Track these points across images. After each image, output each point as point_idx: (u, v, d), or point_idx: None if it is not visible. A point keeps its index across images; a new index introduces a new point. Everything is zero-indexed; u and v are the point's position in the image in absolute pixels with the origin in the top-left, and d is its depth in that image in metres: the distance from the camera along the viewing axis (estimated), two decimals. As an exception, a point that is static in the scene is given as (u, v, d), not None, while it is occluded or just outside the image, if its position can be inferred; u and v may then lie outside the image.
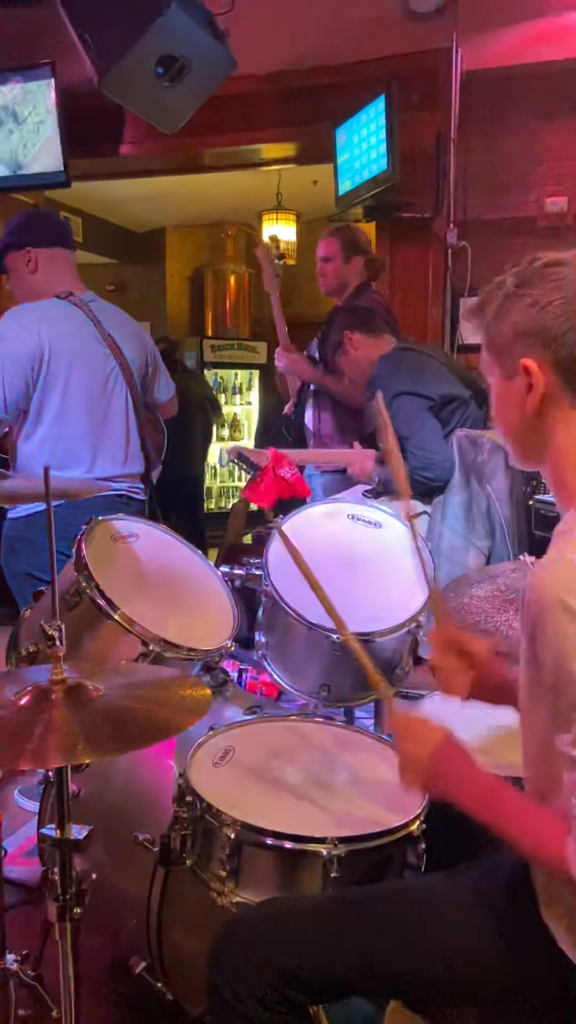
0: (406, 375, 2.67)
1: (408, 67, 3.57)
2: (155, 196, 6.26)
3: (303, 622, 1.80)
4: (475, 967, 1.10)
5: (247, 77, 3.47)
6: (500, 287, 1.12)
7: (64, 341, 2.27)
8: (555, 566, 1.00)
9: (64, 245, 2.44)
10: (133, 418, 2.41)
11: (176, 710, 1.13)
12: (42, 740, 1.03)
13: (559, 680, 0.96)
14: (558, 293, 1.06)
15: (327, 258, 3.37)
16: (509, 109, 3.53)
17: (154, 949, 1.51)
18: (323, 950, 1.12)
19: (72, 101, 3.75)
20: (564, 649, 0.95)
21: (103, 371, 2.35)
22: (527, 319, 1.08)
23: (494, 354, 1.14)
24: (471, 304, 1.18)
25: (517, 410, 1.11)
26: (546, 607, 0.96)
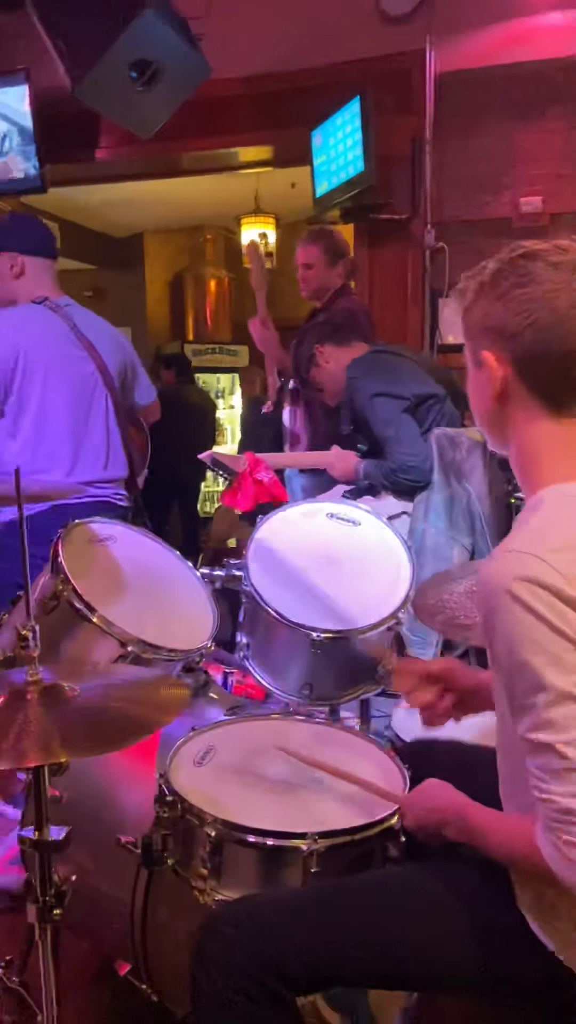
0: (379, 377, 2.69)
1: (382, 69, 3.59)
2: (133, 201, 6.26)
3: (283, 621, 1.80)
4: (454, 955, 1.11)
5: (222, 81, 3.48)
6: (479, 274, 1.13)
7: (40, 346, 2.27)
8: (503, 556, 1.01)
9: (49, 255, 2.45)
10: (114, 422, 2.41)
11: (153, 708, 1.13)
12: (17, 740, 1.03)
13: (511, 667, 0.98)
14: (521, 289, 1.07)
15: (309, 264, 3.39)
16: (483, 110, 3.56)
17: (138, 951, 1.51)
18: (304, 942, 1.12)
19: (47, 107, 3.76)
20: (512, 636, 0.97)
21: (81, 375, 2.34)
22: (492, 312, 1.09)
23: (467, 340, 1.15)
24: (458, 286, 1.19)
25: (483, 398, 1.14)
26: (493, 595, 0.98)
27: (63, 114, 3.68)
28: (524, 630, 0.96)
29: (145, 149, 3.93)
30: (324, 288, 3.39)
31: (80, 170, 4.29)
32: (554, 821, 0.97)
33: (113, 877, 1.52)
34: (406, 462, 2.58)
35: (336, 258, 3.37)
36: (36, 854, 1.13)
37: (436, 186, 3.62)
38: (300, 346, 2.98)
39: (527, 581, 0.96)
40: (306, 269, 3.39)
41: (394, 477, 2.61)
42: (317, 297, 3.43)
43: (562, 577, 0.96)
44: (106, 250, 7.60)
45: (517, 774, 1.06)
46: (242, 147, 4.10)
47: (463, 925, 1.11)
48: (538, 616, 0.95)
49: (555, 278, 1.05)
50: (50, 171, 3.84)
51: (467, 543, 2.56)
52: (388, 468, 2.62)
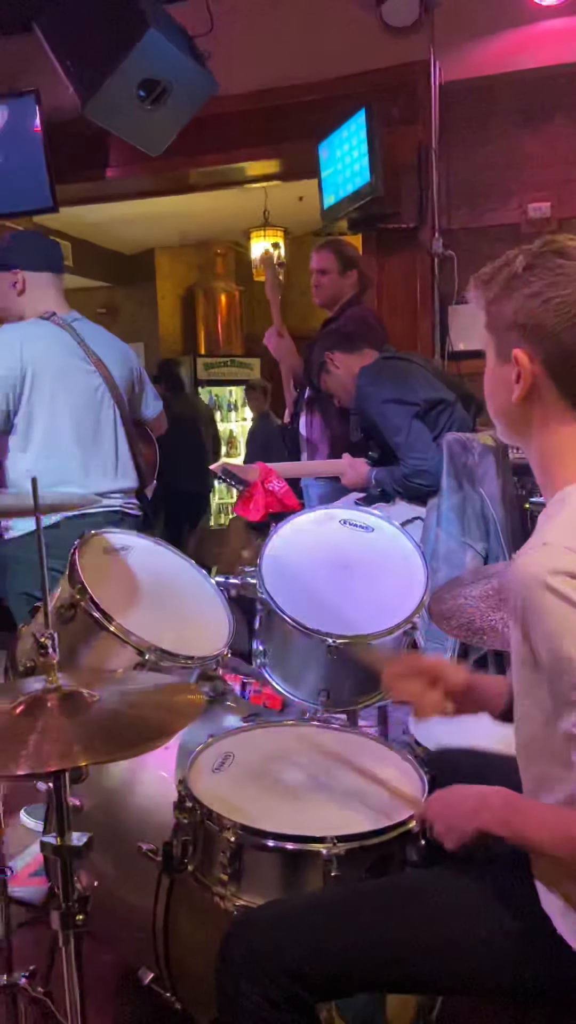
0: (389, 383, 2.70)
1: (387, 81, 3.63)
2: (143, 218, 6.32)
3: (299, 628, 1.81)
4: (476, 959, 1.10)
5: (229, 97, 3.53)
6: (508, 265, 1.10)
7: (47, 361, 2.29)
8: (535, 551, 1.01)
9: (53, 270, 2.46)
10: (122, 434, 2.43)
11: (170, 713, 1.14)
12: (38, 746, 1.04)
13: (554, 661, 0.96)
14: (561, 289, 1.05)
15: (323, 271, 3.42)
16: (489, 118, 3.58)
17: (161, 959, 1.51)
18: (327, 948, 1.12)
19: (58, 127, 3.81)
20: (553, 629, 0.96)
21: (89, 388, 2.37)
22: (526, 309, 1.07)
23: (492, 333, 1.13)
24: (480, 274, 1.15)
25: (506, 392, 1.12)
26: (529, 590, 0.97)
27: (73, 133, 3.74)
28: (566, 623, 0.95)
29: (154, 166, 3.98)
30: (337, 296, 3.42)
31: (90, 189, 4.34)
32: None
33: (135, 885, 1.53)
34: (418, 467, 2.59)
35: (349, 266, 3.40)
36: (58, 860, 1.14)
37: (443, 194, 3.64)
38: (311, 353, 3.01)
39: (564, 574, 0.95)
40: (320, 275, 3.42)
41: (406, 483, 2.62)
42: (329, 305, 3.46)
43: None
44: (118, 267, 7.68)
45: (544, 776, 1.05)
46: (250, 162, 4.14)
47: (484, 927, 1.10)
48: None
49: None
50: (61, 190, 3.89)
51: (480, 548, 2.56)
52: (401, 474, 2.64)
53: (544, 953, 1.07)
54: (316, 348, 2.98)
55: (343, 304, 3.42)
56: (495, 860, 1.18)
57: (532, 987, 1.10)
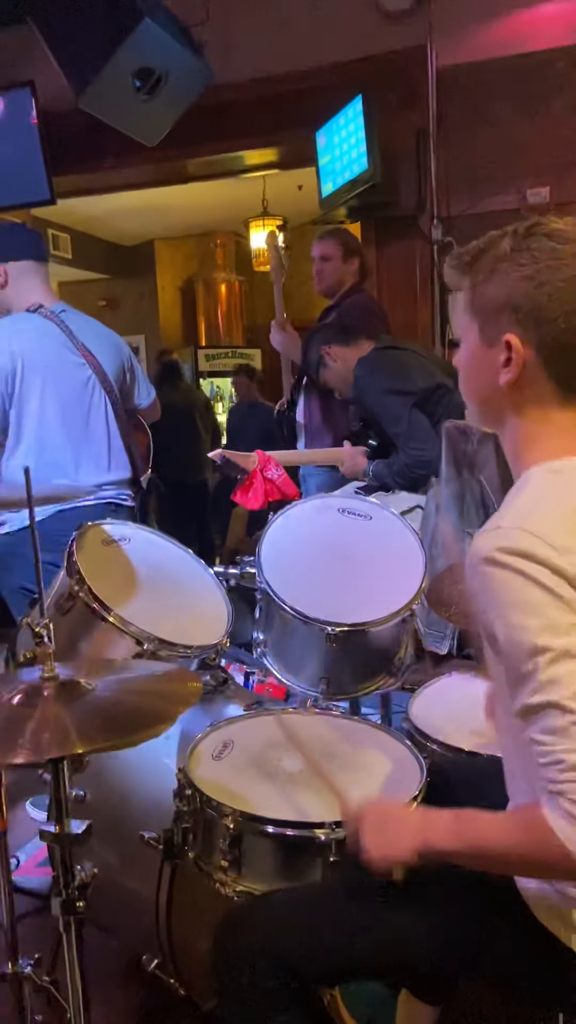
0: (386, 374, 2.70)
1: (384, 67, 3.61)
2: (142, 209, 6.31)
3: (298, 617, 1.81)
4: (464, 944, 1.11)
5: (225, 86, 3.52)
6: (494, 245, 1.06)
7: (37, 354, 2.28)
8: (488, 532, 1.00)
9: (33, 257, 2.43)
10: (115, 425, 2.42)
11: (168, 701, 1.15)
12: (36, 735, 1.05)
13: (507, 638, 0.96)
14: (558, 273, 1.02)
15: (326, 257, 3.41)
16: (486, 103, 3.56)
17: (164, 945, 1.53)
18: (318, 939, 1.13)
19: (54, 118, 3.80)
20: (503, 602, 0.95)
21: (79, 380, 2.36)
22: (520, 293, 1.03)
23: (476, 316, 1.10)
24: (458, 254, 1.11)
25: (488, 376, 1.09)
26: (481, 568, 0.97)
27: (69, 125, 3.72)
28: (515, 595, 0.94)
29: (151, 157, 3.96)
30: (338, 283, 3.42)
31: (88, 180, 4.34)
32: (560, 782, 0.91)
33: (137, 873, 1.54)
34: (419, 457, 2.59)
35: (352, 254, 3.41)
36: (58, 848, 1.15)
37: (442, 181, 3.63)
38: (307, 352, 3.01)
39: (515, 554, 0.95)
40: (323, 262, 3.42)
41: (407, 473, 2.62)
42: (330, 293, 3.45)
43: (552, 549, 0.94)
44: (117, 259, 7.67)
45: (523, 771, 1.06)
46: (247, 151, 4.13)
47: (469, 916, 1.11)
48: (528, 578, 0.94)
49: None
50: (58, 182, 3.88)
51: (480, 535, 2.56)
52: (401, 465, 2.63)
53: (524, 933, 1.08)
54: (311, 345, 2.98)
55: (344, 292, 3.41)
56: None
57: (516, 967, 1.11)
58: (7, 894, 1.64)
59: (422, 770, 1.43)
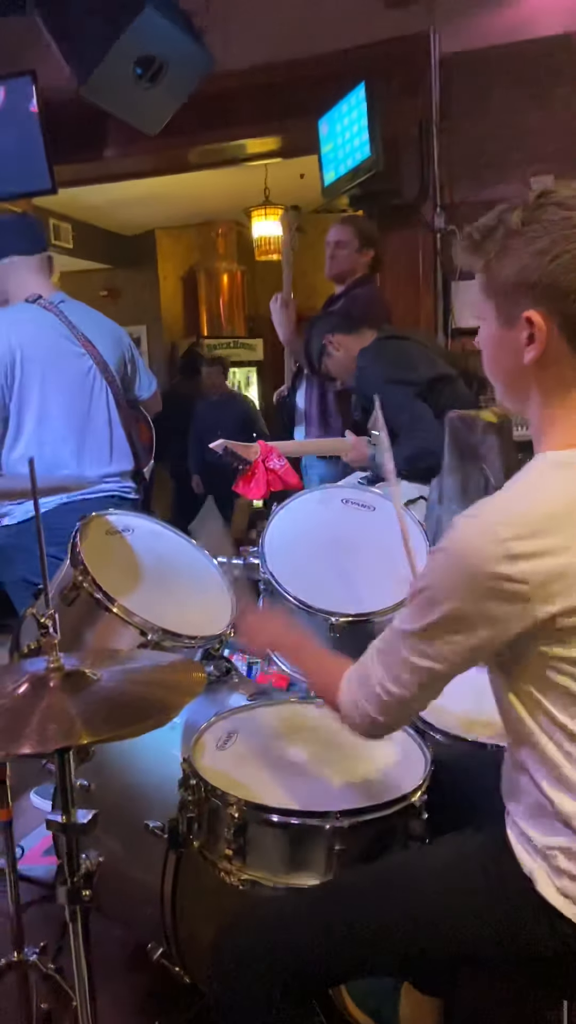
0: (388, 363, 2.69)
1: (387, 54, 3.57)
2: (143, 199, 6.27)
3: (301, 607, 1.82)
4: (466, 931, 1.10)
5: (226, 74, 3.49)
6: (503, 222, 1.04)
7: (36, 345, 2.28)
8: (462, 522, 1.04)
9: (23, 251, 2.41)
10: (116, 416, 2.41)
11: (172, 691, 1.15)
12: (41, 725, 1.05)
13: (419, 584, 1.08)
14: (572, 244, 0.99)
15: (341, 243, 3.40)
16: (490, 90, 3.53)
17: (170, 934, 1.54)
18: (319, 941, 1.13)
19: (55, 107, 3.77)
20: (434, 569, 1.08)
21: (79, 371, 2.35)
22: (535, 268, 1.01)
23: (492, 297, 1.07)
24: (468, 233, 1.09)
25: (511, 357, 1.07)
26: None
27: (70, 114, 3.70)
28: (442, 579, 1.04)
29: (152, 146, 3.93)
30: (349, 271, 3.40)
31: (89, 169, 4.31)
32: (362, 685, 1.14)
33: (143, 863, 1.55)
34: (422, 446, 2.58)
35: (368, 244, 3.39)
36: (64, 837, 1.15)
37: (445, 168, 3.60)
38: (310, 341, 2.99)
39: (471, 547, 1.00)
40: (337, 247, 3.40)
41: (411, 464, 2.61)
42: (340, 280, 3.44)
43: (503, 556, 0.98)
44: (118, 249, 7.64)
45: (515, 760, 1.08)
46: (249, 139, 4.10)
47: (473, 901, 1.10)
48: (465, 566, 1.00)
49: None
50: (59, 171, 3.86)
51: (483, 526, 2.55)
52: (405, 455, 2.62)
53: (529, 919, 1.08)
54: (314, 334, 2.97)
55: (353, 281, 3.40)
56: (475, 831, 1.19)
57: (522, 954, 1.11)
58: (12, 883, 1.65)
59: (426, 759, 1.44)
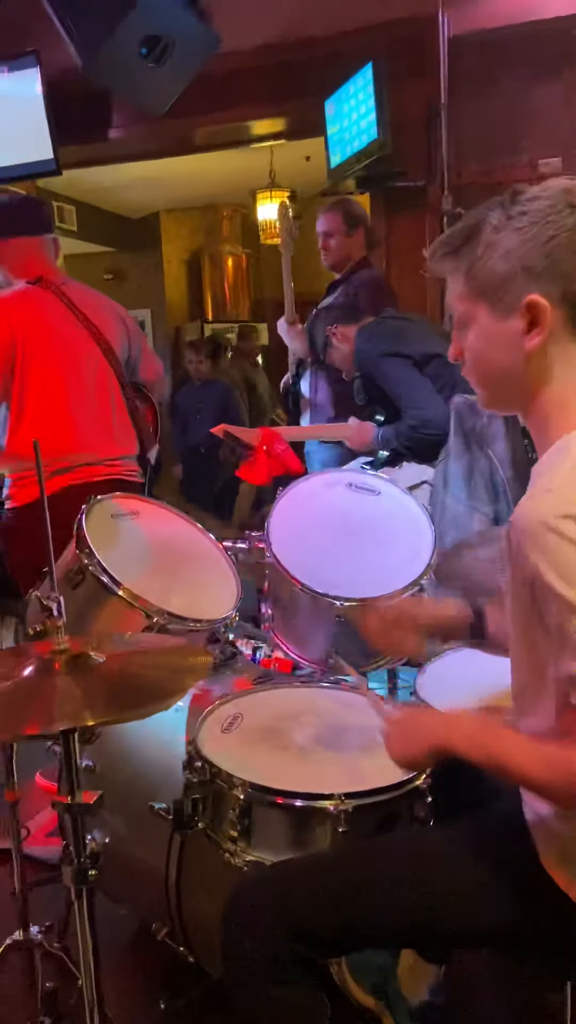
0: (383, 338, 2.70)
1: (395, 34, 3.54)
2: (148, 181, 6.24)
3: (307, 591, 1.82)
4: (476, 912, 1.12)
5: (232, 54, 3.45)
6: (484, 221, 1.06)
7: (37, 327, 2.26)
8: (540, 497, 0.99)
9: (29, 232, 2.39)
10: (119, 398, 2.40)
11: (177, 674, 1.15)
12: (46, 707, 1.05)
13: (561, 605, 0.95)
14: (560, 225, 1.02)
15: (329, 233, 3.37)
16: (499, 71, 3.49)
17: (174, 914, 1.55)
18: (329, 906, 1.14)
19: (59, 88, 3.74)
20: (553, 568, 0.95)
21: (81, 353, 2.34)
22: (530, 253, 1.03)
23: (481, 294, 1.07)
24: (445, 240, 1.10)
25: (510, 350, 1.07)
26: (533, 533, 0.96)
27: (75, 95, 3.67)
28: (566, 563, 0.94)
29: (157, 127, 3.92)
30: (344, 258, 3.38)
31: (93, 151, 4.28)
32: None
33: (148, 844, 1.56)
34: (423, 416, 2.58)
35: (355, 225, 3.36)
36: (69, 818, 1.16)
37: (452, 151, 3.56)
38: (313, 332, 2.99)
39: (570, 518, 0.94)
40: (326, 238, 3.38)
41: (413, 434, 2.61)
42: (338, 267, 3.42)
43: None
44: (122, 232, 7.60)
45: (535, 721, 1.06)
46: (255, 120, 4.06)
47: (487, 883, 1.12)
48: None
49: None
50: (63, 153, 3.84)
51: (488, 512, 2.55)
52: (406, 426, 2.62)
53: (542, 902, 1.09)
54: (317, 327, 2.96)
55: (351, 267, 3.38)
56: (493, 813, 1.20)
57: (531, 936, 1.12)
58: (19, 863, 1.66)
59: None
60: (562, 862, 1.08)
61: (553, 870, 1.08)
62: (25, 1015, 1.63)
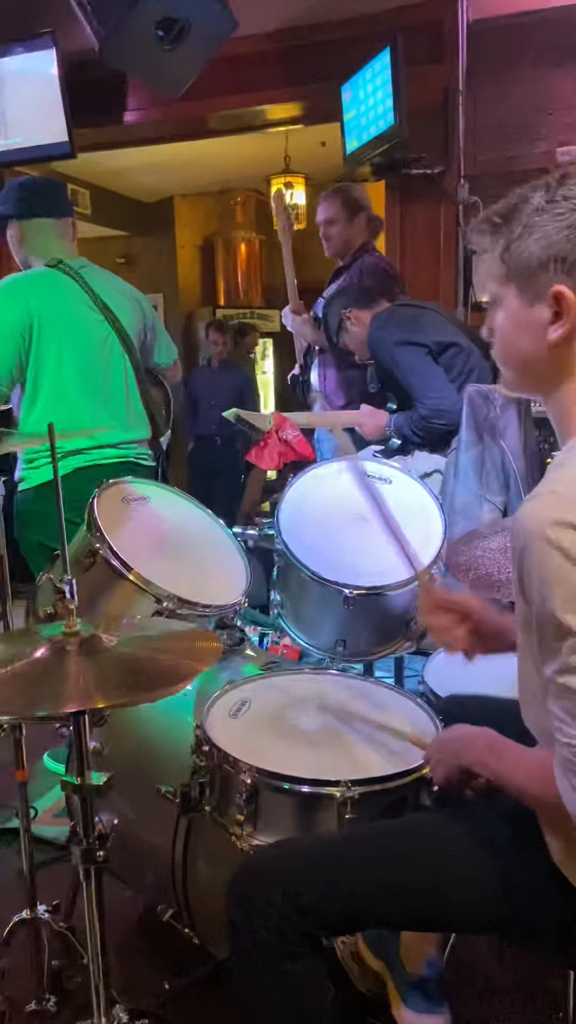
0: (398, 326, 2.68)
1: (413, 19, 3.50)
2: (162, 165, 6.21)
3: (316, 579, 1.82)
4: (483, 898, 1.12)
5: (249, 37, 3.44)
6: (526, 201, 1.03)
7: (54, 310, 2.26)
8: (541, 498, 0.98)
9: (50, 214, 2.39)
10: (133, 383, 2.40)
11: (187, 658, 1.15)
12: (58, 689, 1.06)
13: (540, 611, 0.96)
14: None
15: (331, 220, 3.35)
16: (517, 58, 3.46)
17: (180, 896, 1.56)
18: (336, 884, 1.15)
19: (75, 70, 3.73)
20: (545, 578, 0.94)
21: (97, 337, 2.33)
22: (564, 242, 1.01)
23: (512, 277, 1.06)
24: (486, 215, 1.08)
25: (534, 337, 1.06)
26: (530, 538, 0.95)
27: (90, 77, 3.66)
28: (557, 574, 0.93)
29: (173, 110, 3.90)
30: (347, 244, 3.36)
31: (108, 134, 4.25)
32: (572, 763, 0.95)
33: (154, 826, 1.57)
34: (436, 405, 2.57)
35: (355, 211, 3.32)
36: (79, 799, 1.17)
37: (469, 138, 3.54)
38: (327, 315, 2.97)
39: (566, 526, 0.93)
40: (328, 226, 3.36)
41: (426, 424, 2.60)
42: (340, 254, 3.40)
43: None
44: (136, 216, 7.57)
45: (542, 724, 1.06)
46: (270, 105, 4.03)
47: (492, 869, 1.12)
48: (573, 562, 0.92)
49: None
50: (78, 136, 3.82)
51: (498, 502, 2.55)
52: (419, 416, 2.61)
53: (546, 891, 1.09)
54: (331, 309, 2.95)
55: (354, 252, 3.35)
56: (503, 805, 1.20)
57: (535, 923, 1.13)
58: (27, 842, 1.68)
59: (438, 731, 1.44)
60: (567, 852, 1.08)
61: (558, 859, 1.08)
62: (31, 992, 1.65)
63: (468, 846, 1.15)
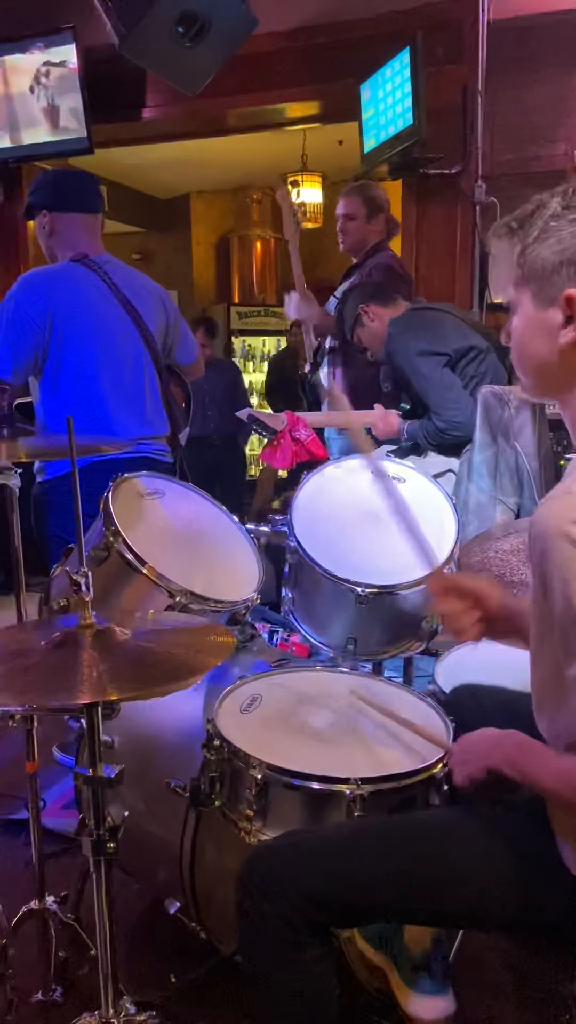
0: (418, 334, 2.68)
1: (433, 18, 3.50)
2: (179, 161, 6.23)
3: (328, 577, 1.82)
4: (492, 895, 1.13)
5: (269, 35, 3.44)
6: (543, 207, 1.06)
7: (76, 304, 2.27)
8: (558, 500, 0.99)
9: (83, 210, 2.40)
10: (154, 379, 2.40)
11: (200, 653, 1.16)
12: (71, 681, 1.06)
13: (567, 610, 0.96)
14: None
15: (350, 216, 3.37)
16: (537, 59, 3.45)
17: (188, 890, 1.57)
18: (346, 876, 1.15)
19: (94, 66, 3.74)
20: (568, 579, 0.95)
21: (118, 333, 2.34)
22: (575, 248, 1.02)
23: (528, 280, 1.08)
24: (505, 221, 1.11)
25: (547, 341, 1.07)
26: (550, 538, 0.96)
27: (110, 72, 3.67)
28: None
29: (191, 107, 3.91)
30: (362, 241, 3.38)
31: (126, 130, 4.27)
32: None
33: (164, 820, 1.57)
34: (452, 418, 2.57)
35: (376, 211, 3.35)
36: (89, 791, 1.17)
37: (487, 139, 3.53)
38: (344, 307, 2.97)
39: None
40: (347, 220, 3.38)
41: (440, 436, 2.61)
42: (355, 251, 3.41)
43: None
44: (152, 212, 7.60)
45: (554, 722, 1.07)
46: (289, 103, 4.03)
47: (502, 867, 1.13)
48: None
49: None
50: (96, 131, 3.83)
51: (511, 503, 2.54)
52: (434, 427, 2.62)
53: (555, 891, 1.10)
54: (350, 301, 2.95)
55: (368, 251, 3.36)
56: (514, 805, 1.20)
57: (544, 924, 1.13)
58: (37, 833, 1.69)
59: (449, 731, 1.44)
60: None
61: (569, 859, 1.08)
62: (38, 983, 1.66)
63: (479, 843, 1.15)
